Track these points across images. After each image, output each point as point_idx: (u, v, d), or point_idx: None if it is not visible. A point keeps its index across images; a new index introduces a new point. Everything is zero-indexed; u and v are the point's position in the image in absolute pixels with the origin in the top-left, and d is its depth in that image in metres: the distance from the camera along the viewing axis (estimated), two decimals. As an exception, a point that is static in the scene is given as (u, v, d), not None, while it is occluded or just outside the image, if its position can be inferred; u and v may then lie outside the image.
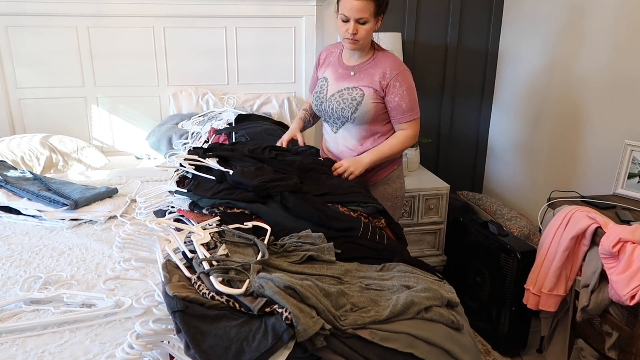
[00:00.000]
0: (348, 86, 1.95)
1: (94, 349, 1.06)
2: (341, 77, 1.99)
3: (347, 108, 1.94)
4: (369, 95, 1.91)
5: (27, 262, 1.47)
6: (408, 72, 1.94)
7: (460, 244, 2.63)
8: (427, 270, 1.19)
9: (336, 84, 1.99)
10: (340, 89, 1.97)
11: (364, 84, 1.93)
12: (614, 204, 2.04)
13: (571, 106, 2.58)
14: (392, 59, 1.95)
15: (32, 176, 2.04)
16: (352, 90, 1.94)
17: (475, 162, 3.42)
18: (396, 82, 1.89)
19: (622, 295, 1.58)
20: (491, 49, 3.16)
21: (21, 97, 2.70)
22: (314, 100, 2.06)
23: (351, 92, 1.94)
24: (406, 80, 1.91)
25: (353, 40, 1.85)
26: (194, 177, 1.62)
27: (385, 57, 1.95)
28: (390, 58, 1.95)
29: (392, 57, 1.96)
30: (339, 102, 1.95)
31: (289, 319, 0.85)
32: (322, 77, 2.06)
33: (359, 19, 1.80)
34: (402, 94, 1.90)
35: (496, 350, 2.39)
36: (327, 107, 1.99)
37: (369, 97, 1.91)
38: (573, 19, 2.52)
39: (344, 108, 1.94)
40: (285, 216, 1.42)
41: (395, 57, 1.97)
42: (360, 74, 1.96)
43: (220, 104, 2.79)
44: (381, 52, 1.97)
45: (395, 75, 1.90)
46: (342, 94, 1.95)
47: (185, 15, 2.73)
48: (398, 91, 1.90)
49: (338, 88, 1.97)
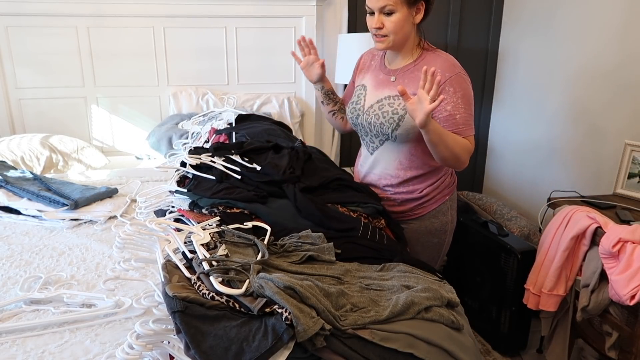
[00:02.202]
0: (389, 94, 1.62)
1: (94, 349, 1.06)
2: (381, 83, 1.66)
3: (387, 123, 1.59)
4: None
5: (27, 262, 1.47)
6: (465, 76, 1.56)
7: (460, 244, 2.63)
8: (427, 270, 1.19)
9: (375, 92, 1.66)
10: (380, 99, 1.64)
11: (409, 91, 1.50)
12: (614, 204, 2.04)
13: (571, 106, 2.58)
14: (445, 59, 1.58)
15: (32, 176, 2.04)
16: (394, 99, 1.60)
17: (475, 162, 3.42)
18: (449, 87, 1.52)
19: (622, 295, 1.58)
20: (491, 49, 3.16)
21: (21, 97, 2.70)
22: (349, 113, 1.74)
23: (392, 102, 1.60)
24: (462, 86, 1.53)
25: (380, 37, 1.55)
26: (194, 177, 1.62)
27: (435, 57, 1.59)
28: (442, 58, 1.58)
29: (444, 56, 1.59)
30: (378, 115, 1.62)
31: (289, 319, 0.85)
32: (360, 84, 1.74)
33: (382, 8, 1.50)
34: (455, 102, 1.52)
35: (496, 350, 2.39)
36: (365, 120, 1.66)
37: None
38: (573, 18, 2.52)
39: (384, 123, 1.60)
40: (284, 216, 1.42)
41: (449, 57, 1.59)
42: (403, 79, 1.61)
43: (220, 104, 2.79)
44: (431, 52, 1.61)
45: (448, 79, 1.52)
46: (382, 105, 1.62)
47: (185, 15, 2.73)
48: (451, 98, 1.52)
49: (378, 97, 1.64)
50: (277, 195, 1.51)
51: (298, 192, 1.47)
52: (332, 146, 2.98)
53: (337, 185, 1.62)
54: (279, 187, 1.52)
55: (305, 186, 1.53)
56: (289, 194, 1.48)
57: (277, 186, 1.53)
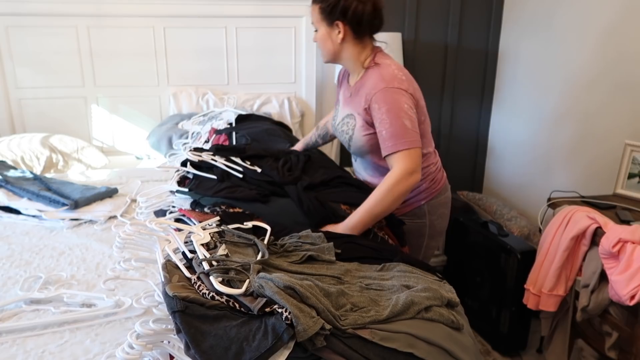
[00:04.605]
0: (348, 113, 1.63)
1: (94, 348, 1.06)
2: (345, 100, 1.68)
3: (345, 141, 1.64)
4: (360, 125, 1.57)
5: (27, 262, 1.47)
6: (392, 89, 1.47)
7: (460, 244, 2.63)
8: (427, 270, 1.19)
9: (343, 108, 1.68)
10: (343, 116, 1.66)
11: (355, 110, 1.58)
12: (614, 204, 2.04)
13: (571, 106, 2.58)
14: (379, 73, 1.51)
15: (32, 176, 2.05)
16: (349, 118, 1.62)
17: (475, 162, 3.42)
18: (374, 104, 1.48)
19: (622, 295, 1.58)
20: (491, 49, 3.16)
21: (21, 97, 2.70)
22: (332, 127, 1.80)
23: (348, 120, 1.62)
24: (386, 100, 1.46)
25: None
26: (195, 177, 1.63)
27: (372, 73, 1.54)
28: (376, 73, 1.52)
29: (379, 72, 1.52)
30: (342, 132, 1.66)
31: (289, 319, 0.85)
32: (338, 98, 1.77)
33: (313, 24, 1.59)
34: (381, 117, 1.46)
35: (496, 350, 2.39)
36: (338, 135, 1.70)
37: (361, 129, 1.57)
38: (573, 19, 2.52)
39: (344, 139, 1.65)
40: (286, 216, 1.43)
41: (385, 71, 1.52)
42: (354, 97, 1.61)
43: (221, 104, 2.79)
44: (372, 68, 1.56)
45: (373, 96, 1.48)
46: (343, 123, 1.64)
47: (185, 15, 2.73)
48: (377, 114, 1.48)
49: (342, 115, 1.67)
50: (279, 195, 1.51)
51: (301, 190, 1.48)
52: (332, 146, 2.98)
53: (338, 183, 1.64)
54: (280, 187, 1.53)
55: (308, 183, 1.54)
56: (292, 194, 1.49)
57: (279, 186, 1.54)
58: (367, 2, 1.51)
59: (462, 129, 3.31)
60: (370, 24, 1.55)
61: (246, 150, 1.81)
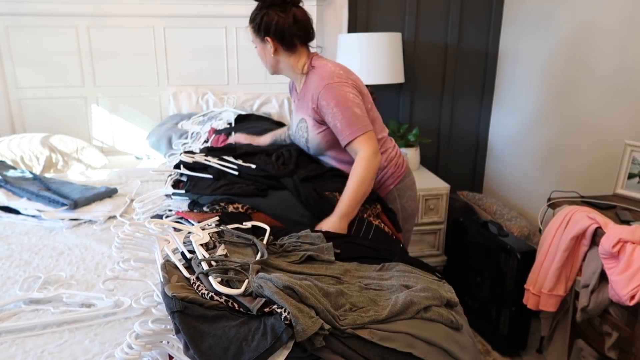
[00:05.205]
0: (299, 118, 1.74)
1: (93, 348, 1.06)
2: (295, 107, 1.81)
3: (303, 144, 1.75)
4: (312, 125, 1.67)
5: (26, 262, 1.47)
6: (334, 84, 1.57)
7: (460, 244, 2.63)
8: (426, 270, 1.19)
9: (295, 116, 1.81)
10: (297, 122, 1.77)
11: (304, 114, 1.69)
12: (614, 204, 2.04)
13: (571, 106, 2.58)
14: (318, 74, 1.62)
15: (32, 176, 2.05)
16: (301, 122, 1.72)
17: (475, 162, 3.42)
18: (322, 101, 1.58)
19: (622, 296, 1.58)
20: (491, 49, 3.16)
21: (21, 97, 2.70)
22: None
23: (301, 125, 1.73)
24: (332, 95, 1.56)
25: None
26: (190, 179, 1.62)
27: (312, 76, 1.65)
28: (316, 74, 1.63)
29: (318, 72, 1.63)
30: (299, 138, 1.77)
31: (288, 319, 0.85)
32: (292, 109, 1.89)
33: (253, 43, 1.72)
34: (332, 112, 1.57)
35: (496, 351, 2.39)
36: (297, 142, 1.80)
37: (313, 128, 1.67)
38: (573, 18, 2.52)
39: (302, 143, 1.76)
40: (286, 208, 1.44)
41: (322, 70, 1.62)
42: (302, 101, 1.72)
43: (220, 104, 2.79)
44: (311, 71, 1.67)
45: (318, 95, 1.59)
46: (299, 128, 1.76)
47: (185, 15, 2.73)
48: (327, 111, 1.58)
49: (296, 121, 1.78)
50: (276, 188, 1.52)
51: (298, 182, 1.49)
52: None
53: (332, 175, 1.67)
54: (277, 180, 1.55)
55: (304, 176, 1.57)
56: (289, 186, 1.50)
57: (275, 179, 1.55)
58: (287, 16, 1.60)
59: (462, 129, 3.31)
60: (295, 35, 1.63)
61: (237, 149, 1.83)
